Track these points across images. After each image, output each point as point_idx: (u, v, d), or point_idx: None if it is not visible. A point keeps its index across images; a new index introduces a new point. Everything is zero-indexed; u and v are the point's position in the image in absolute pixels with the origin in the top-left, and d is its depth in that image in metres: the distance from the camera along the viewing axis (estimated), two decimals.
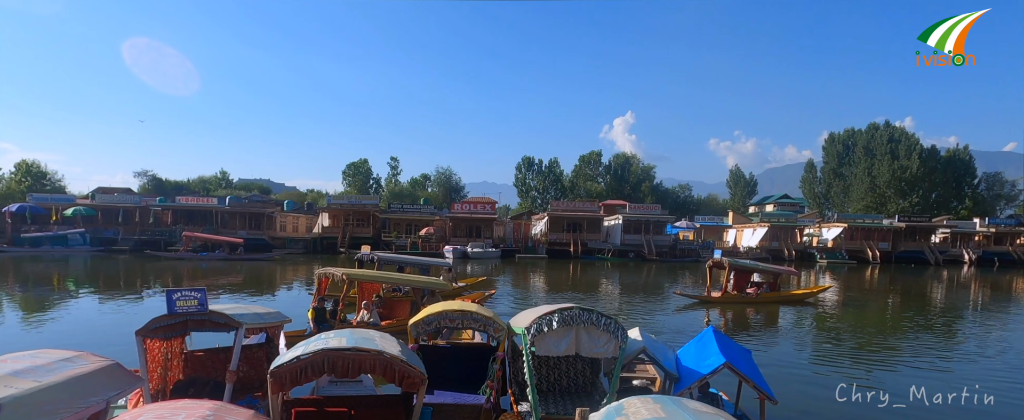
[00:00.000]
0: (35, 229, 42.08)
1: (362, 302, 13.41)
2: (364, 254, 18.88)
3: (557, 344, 6.04)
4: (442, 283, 14.97)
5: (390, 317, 13.83)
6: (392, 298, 15.27)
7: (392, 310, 14.45)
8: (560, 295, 24.06)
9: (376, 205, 53.63)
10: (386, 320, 13.19)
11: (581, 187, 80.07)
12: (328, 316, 12.20)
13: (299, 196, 75.55)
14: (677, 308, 19.90)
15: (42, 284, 24.09)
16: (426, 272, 18.29)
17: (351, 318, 13.00)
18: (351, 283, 13.02)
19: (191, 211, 47.98)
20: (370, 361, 4.77)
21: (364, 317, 12.47)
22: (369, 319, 12.37)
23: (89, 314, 17.22)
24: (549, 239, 50.49)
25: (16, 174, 55.72)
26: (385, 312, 13.85)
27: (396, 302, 14.95)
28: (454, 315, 7.11)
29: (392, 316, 14.01)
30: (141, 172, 74.43)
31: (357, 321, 12.47)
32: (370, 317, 12.44)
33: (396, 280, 14.81)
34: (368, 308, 12.67)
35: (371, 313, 12.52)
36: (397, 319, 13.68)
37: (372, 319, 12.39)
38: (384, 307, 14.00)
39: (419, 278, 15.29)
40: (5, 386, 3.53)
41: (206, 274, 28.82)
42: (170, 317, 6.34)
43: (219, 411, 3.75)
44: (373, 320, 12.39)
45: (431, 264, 19.77)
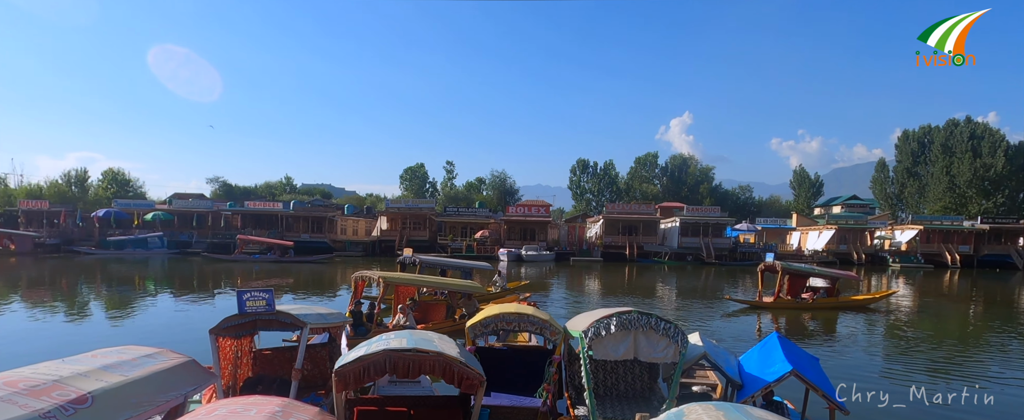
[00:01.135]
0: (119, 233, 44.96)
1: (397, 305, 13.55)
2: (405, 257, 19.03)
3: (615, 348, 5.95)
4: (477, 286, 14.93)
5: (425, 320, 13.88)
6: (427, 301, 15.34)
7: (427, 313, 14.50)
8: (615, 299, 23.75)
9: (432, 208, 54.49)
10: (421, 323, 13.22)
11: (637, 189, 78.85)
12: (364, 319, 12.32)
13: (358, 200, 77.66)
14: (726, 314, 19.28)
15: (125, 284, 25.71)
16: (468, 275, 18.30)
17: (387, 321, 13.10)
18: (387, 286, 13.20)
19: (258, 215, 50.14)
20: (430, 362, 4.84)
21: (400, 320, 12.52)
22: (404, 322, 12.41)
23: (165, 312, 18.28)
24: (604, 242, 49.96)
25: (103, 182, 59.71)
26: (420, 315, 13.88)
27: (431, 305, 15.05)
28: (511, 317, 7.13)
29: (427, 319, 14.07)
30: (213, 178, 78.46)
31: (393, 324, 12.56)
32: (405, 320, 12.48)
33: (429, 283, 14.84)
34: (404, 311, 12.75)
35: (407, 316, 12.58)
36: (432, 322, 13.76)
37: (408, 322, 12.42)
38: (419, 310, 14.02)
39: (453, 281, 15.34)
40: (97, 379, 3.78)
41: (259, 275, 30.07)
42: (241, 316, 6.63)
43: (287, 408, 3.89)
44: (408, 323, 12.41)
45: (472, 267, 19.72)
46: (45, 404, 3.15)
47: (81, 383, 3.64)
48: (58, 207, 48.22)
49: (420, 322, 13.29)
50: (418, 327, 12.56)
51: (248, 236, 42.97)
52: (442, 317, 14.35)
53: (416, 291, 15.14)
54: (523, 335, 10.42)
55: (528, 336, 10.12)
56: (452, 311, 14.39)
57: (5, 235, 41.84)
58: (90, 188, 58.14)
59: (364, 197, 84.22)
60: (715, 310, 20.26)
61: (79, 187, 57.39)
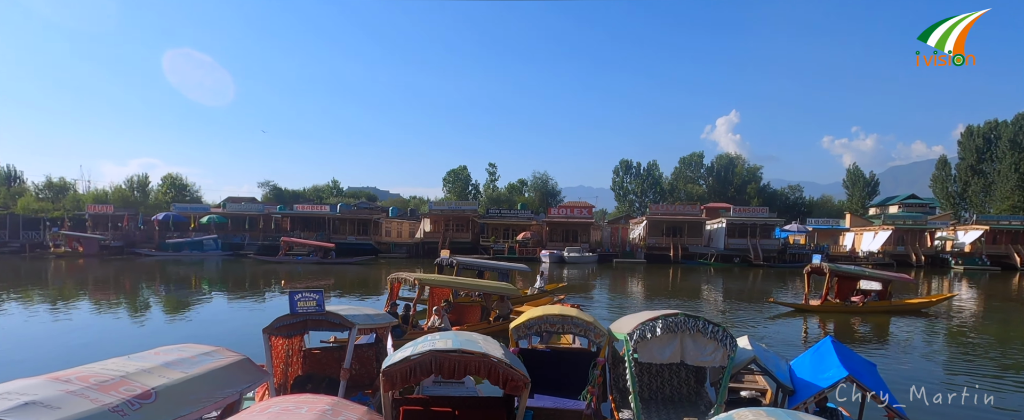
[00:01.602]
0: (177, 235, 46.98)
1: (432, 307, 13.63)
2: (443, 258, 19.09)
3: (661, 351, 5.87)
4: (511, 288, 14.88)
5: (460, 322, 13.89)
6: (462, 303, 15.34)
7: (461, 315, 14.51)
8: (659, 301, 23.40)
9: (474, 210, 54.88)
10: (456, 325, 13.23)
11: (681, 190, 77.50)
12: (400, 321, 12.35)
13: (402, 203, 78.99)
14: (770, 317, 18.72)
15: (182, 285, 26.84)
16: (505, 277, 18.23)
17: (422, 323, 13.15)
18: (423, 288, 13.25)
19: (307, 218, 51.56)
20: (475, 363, 4.88)
21: (435, 322, 12.56)
22: (439, 324, 12.45)
23: (219, 311, 19.02)
24: (648, 243, 49.30)
25: (162, 186, 62.51)
26: (454, 317, 13.90)
27: (465, 307, 15.03)
28: (554, 319, 7.11)
29: (462, 321, 14.07)
30: (264, 182, 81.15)
31: (427, 326, 12.61)
32: (440, 322, 12.51)
33: (463, 285, 14.86)
34: (438, 313, 12.80)
35: (441, 318, 12.62)
36: (467, 324, 13.74)
37: (442, 324, 12.45)
38: (453, 312, 14.04)
39: (487, 283, 15.34)
40: (160, 376, 3.96)
41: (302, 277, 30.84)
42: (292, 316, 6.83)
43: (337, 406, 3.99)
44: (443, 325, 12.44)
45: (510, 269, 19.59)
46: (113, 399, 3.32)
47: (145, 379, 3.82)
48: (122, 211, 50.73)
49: (455, 324, 13.33)
50: (453, 329, 12.59)
51: (291, 238, 44.26)
52: (477, 319, 14.37)
53: (451, 293, 15.25)
54: (566, 337, 10.38)
55: (572, 338, 10.07)
56: (487, 313, 14.41)
57: (74, 238, 44.27)
58: (151, 193, 60.95)
59: (408, 200, 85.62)
60: (759, 313, 19.72)
61: (141, 192, 60.23)
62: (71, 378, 3.45)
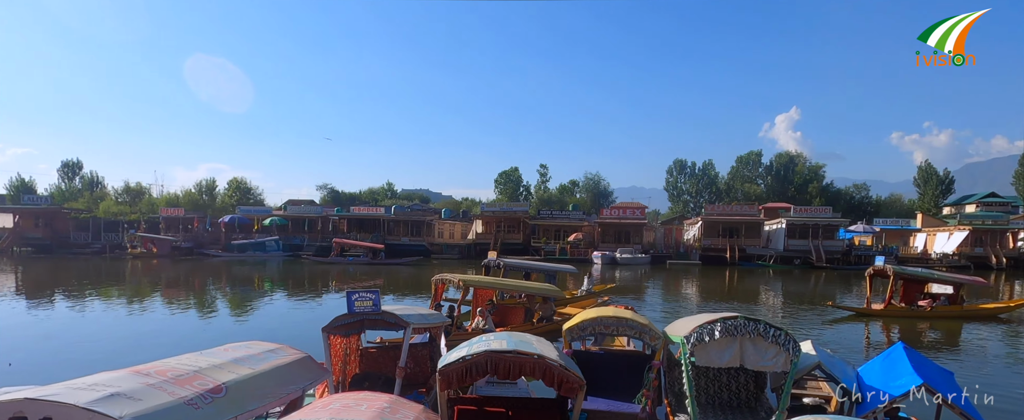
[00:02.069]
0: (241, 237, 49.05)
1: (475, 308, 13.65)
2: (490, 260, 19.12)
3: (719, 355, 5.72)
4: (555, 289, 14.77)
5: (504, 323, 13.88)
6: (506, 304, 15.32)
7: (505, 316, 14.50)
8: (714, 304, 22.81)
9: (525, 211, 54.95)
10: (499, 326, 13.21)
11: (738, 189, 75.27)
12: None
13: (454, 204, 79.88)
14: (828, 321, 17.94)
15: (245, 284, 28.03)
16: (552, 279, 18.11)
17: (466, 325, 13.18)
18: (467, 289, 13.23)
19: (362, 219, 52.88)
20: (530, 364, 4.89)
21: (479, 323, 12.58)
22: (483, 325, 12.45)
23: (280, 310, 19.77)
24: (703, 245, 48.12)
25: (228, 190, 65.49)
26: (498, 318, 13.89)
27: (509, 308, 15.01)
28: (609, 321, 7.04)
29: (506, 322, 14.06)
30: (322, 185, 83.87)
31: (471, 327, 12.64)
32: (484, 323, 12.51)
33: (508, 287, 14.84)
34: (482, 314, 12.81)
35: (485, 319, 12.63)
36: (511, 325, 13.72)
37: (486, 325, 12.45)
38: (497, 313, 14.03)
39: (530, 284, 15.26)
40: (229, 371, 4.16)
41: (352, 277, 31.65)
42: (350, 316, 7.01)
43: (394, 404, 4.09)
44: (487, 326, 12.44)
45: (557, 270, 19.44)
46: (188, 392, 3.51)
47: (217, 374, 4.02)
48: (191, 214, 53.41)
49: (498, 325, 13.33)
50: (496, 330, 12.57)
51: (343, 240, 45.51)
52: (520, 320, 14.35)
53: (494, 294, 15.21)
54: (620, 339, 10.26)
55: (626, 341, 9.95)
56: (531, 314, 14.38)
57: (149, 239, 46.88)
58: (218, 196, 63.95)
59: (460, 201, 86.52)
60: (817, 317, 18.94)
61: (209, 195, 63.31)
62: (150, 372, 3.67)
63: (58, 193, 66.41)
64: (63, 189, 69.39)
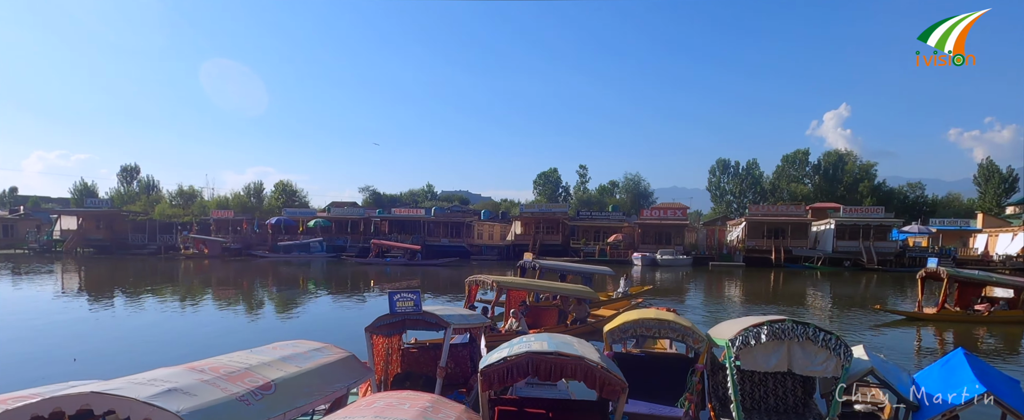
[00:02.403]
0: (287, 238, 50.43)
1: (508, 309, 13.59)
2: (526, 261, 19.03)
3: (766, 359, 5.57)
4: (589, 292, 14.60)
5: (537, 325, 13.81)
6: (540, 306, 15.24)
7: (538, 318, 14.43)
8: (758, 306, 22.23)
9: (565, 213, 54.75)
10: (533, 328, 13.16)
11: (784, 189, 73.18)
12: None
13: (493, 205, 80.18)
14: (876, 325, 17.23)
15: (291, 285, 28.79)
16: (588, 280, 17.92)
17: (500, 326, 13.16)
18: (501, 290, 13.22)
19: (403, 221, 53.64)
20: (572, 366, 4.86)
21: (512, 325, 12.52)
22: (517, 327, 12.39)
23: (323, 309, 20.26)
24: (747, 246, 46.99)
25: (275, 193, 67.41)
26: (531, 319, 13.84)
27: (543, 309, 14.93)
28: (651, 323, 6.96)
29: (539, 324, 13.98)
30: (364, 187, 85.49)
31: (505, 328, 12.59)
32: (518, 324, 12.44)
33: (542, 288, 14.75)
34: (516, 316, 12.74)
35: (519, 320, 12.55)
36: (544, 327, 13.62)
37: (520, 327, 12.39)
38: (530, 314, 13.97)
39: (564, 286, 15.14)
40: (278, 369, 4.29)
41: (390, 278, 32.07)
42: (392, 316, 7.13)
43: (437, 403, 4.13)
44: (521, 328, 12.37)
45: (593, 272, 19.23)
46: (240, 389, 3.63)
47: (266, 372, 4.15)
48: (240, 216, 55.15)
49: (532, 326, 13.29)
50: (530, 331, 12.48)
51: (381, 241, 46.32)
52: (554, 322, 14.27)
53: (527, 295, 15.14)
54: (662, 342, 10.12)
55: (668, 343, 9.81)
56: (564, 316, 14.29)
57: (200, 241, 48.67)
58: (265, 198, 65.84)
59: (499, 202, 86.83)
60: (864, 321, 18.25)
61: (256, 198, 65.20)
62: (205, 368, 3.81)
63: (117, 196, 69.60)
64: (122, 192, 72.70)
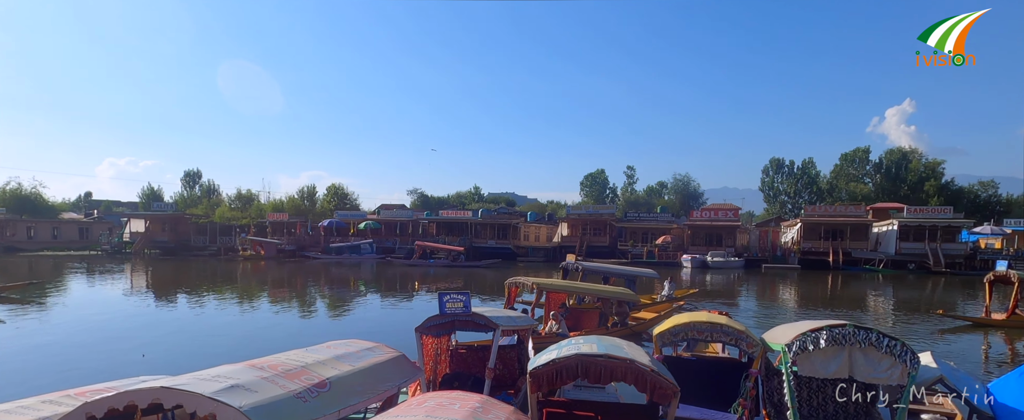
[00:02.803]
0: (338, 240, 51.75)
1: (549, 312, 13.44)
2: (568, 263, 18.83)
3: (825, 365, 5.37)
4: (631, 294, 14.32)
5: (577, 327, 13.64)
6: (580, 308, 15.08)
7: (579, 320, 14.27)
8: (814, 310, 21.40)
9: (612, 214, 54.24)
10: (573, 330, 13.02)
11: (842, 189, 70.37)
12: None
13: (540, 207, 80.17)
14: (939, 330, 16.33)
15: (342, 285, 29.53)
16: (632, 283, 17.63)
17: (540, 328, 12.97)
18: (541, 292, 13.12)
19: (450, 223, 54.27)
20: (622, 369, 4.80)
21: (552, 327, 12.38)
22: (557, 329, 12.24)
23: (373, 310, 20.70)
24: (802, 247, 45.41)
25: (327, 195, 69.34)
26: (572, 322, 13.67)
27: (583, 312, 14.76)
28: (702, 327, 6.80)
29: (580, 326, 13.82)
30: (412, 190, 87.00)
31: (545, 331, 12.45)
32: (558, 327, 12.30)
33: (582, 290, 14.55)
34: (556, 318, 12.60)
35: (559, 323, 12.41)
36: (585, 329, 13.46)
37: (560, 329, 12.24)
38: (570, 317, 13.81)
39: (604, 288, 14.94)
40: (332, 368, 4.41)
41: (433, 279, 32.39)
42: (441, 317, 7.22)
43: (486, 404, 4.16)
44: (561, 330, 12.22)
45: (637, 275, 18.80)
46: (297, 386, 3.76)
47: (321, 370, 4.27)
48: (294, 219, 56.98)
49: (572, 329, 13.17)
50: (570, 334, 12.31)
51: (424, 242, 47.07)
52: (595, 324, 14.11)
53: (567, 297, 14.99)
54: (714, 346, 9.89)
55: (721, 347, 9.58)
56: (605, 318, 14.10)
57: (257, 243, 50.53)
58: (317, 201, 67.80)
59: (545, 204, 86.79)
60: (927, 327, 17.31)
61: (310, 201, 67.18)
62: (264, 366, 3.95)
63: (181, 200, 73.08)
64: (185, 196, 76.30)
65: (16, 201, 60.57)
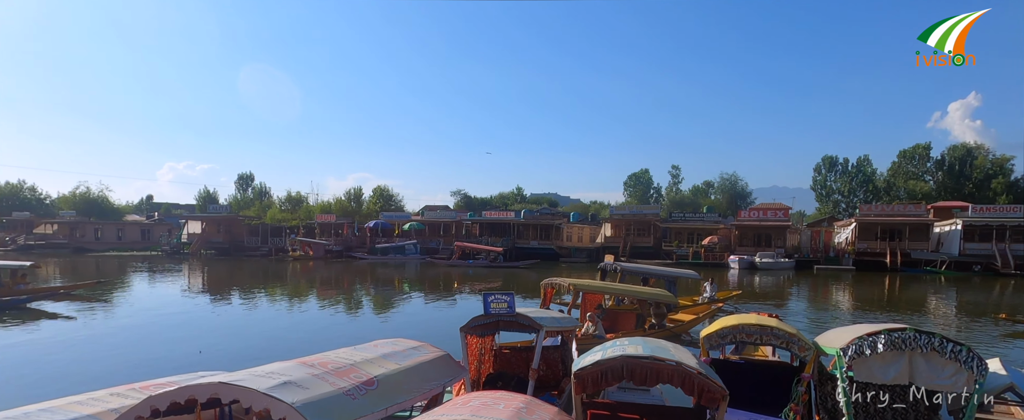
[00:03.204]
0: (384, 241, 52.72)
1: (585, 313, 13.25)
2: (607, 263, 18.54)
3: (883, 371, 5.15)
4: (669, 296, 13.98)
5: (614, 329, 13.42)
6: (616, 310, 14.83)
7: (615, 321, 14.04)
8: (871, 314, 20.54)
9: (656, 214, 53.47)
10: (610, 332, 12.79)
11: (900, 187, 67.28)
12: None
13: (582, 208, 79.63)
14: (1005, 335, 15.46)
15: (387, 285, 30.04)
16: (672, 284, 17.24)
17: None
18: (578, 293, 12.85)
19: (493, 224, 54.54)
20: (668, 371, 4.72)
21: (589, 329, 12.20)
22: (593, 331, 12.06)
23: (415, 309, 21.00)
24: (857, 248, 43.68)
25: (373, 197, 70.77)
26: (608, 323, 13.45)
27: (620, 313, 14.53)
28: (751, 329, 6.60)
29: (616, 328, 13.60)
30: (455, 191, 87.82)
31: (581, 332, 12.21)
32: (594, 328, 12.10)
33: (618, 291, 14.31)
34: (592, 319, 12.41)
35: (595, 324, 12.21)
36: (621, 331, 13.20)
37: (596, 331, 12.06)
38: (607, 318, 13.60)
39: (641, 289, 14.64)
40: (379, 366, 4.50)
41: (471, 279, 32.56)
42: (486, 317, 7.26)
43: (531, 404, 4.16)
44: (597, 333, 12.05)
45: (677, 276, 18.40)
46: (346, 383, 3.85)
47: (369, 368, 4.37)
48: (342, 220, 58.33)
49: (609, 331, 12.97)
50: (607, 336, 12.21)
51: (462, 243, 47.43)
52: (632, 326, 13.85)
53: (603, 298, 14.78)
54: (763, 349, 9.61)
55: (771, 351, 9.30)
56: (642, 320, 13.85)
57: (306, 243, 51.96)
58: (364, 203, 69.26)
59: (588, 205, 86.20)
60: (993, 331, 16.38)
61: (356, 202, 68.67)
62: (314, 363, 4.07)
63: (235, 202, 75.80)
64: (238, 199, 79.11)
65: (85, 204, 64.21)
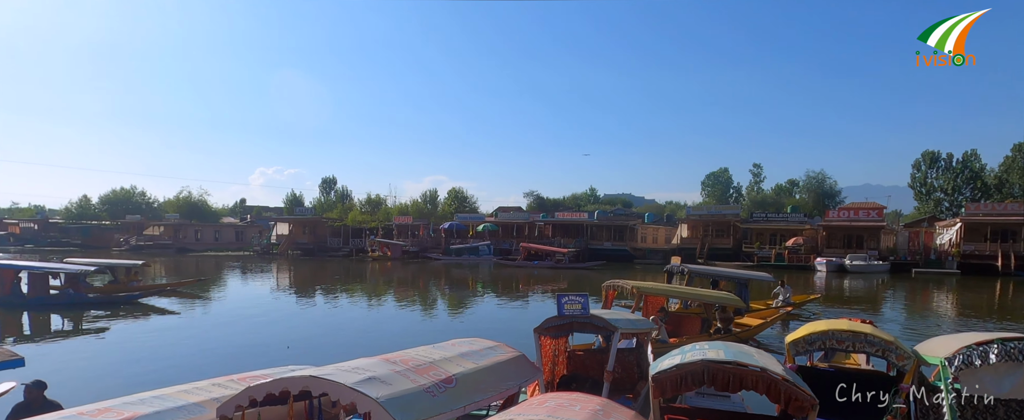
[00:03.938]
0: (458, 242, 53.70)
1: (646, 316, 12.81)
2: (673, 266, 17.89)
3: (995, 383, 4.73)
4: (734, 299, 13.30)
5: (678, 333, 12.97)
6: (679, 313, 14.34)
7: (679, 325, 13.56)
8: (978, 322, 18.81)
9: (736, 215, 51.52)
10: (673, 336, 12.35)
11: (1015, 184, 61.38)
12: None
13: (657, 208, 77.87)
14: None
15: (461, 285, 30.61)
16: (743, 287, 16.36)
17: None
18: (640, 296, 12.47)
19: (566, 225, 54.36)
20: (752, 377, 4.54)
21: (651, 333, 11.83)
22: (656, 335, 11.69)
23: (488, 309, 21.29)
24: (962, 250, 40.23)
25: (448, 199, 72.32)
26: (671, 327, 12.98)
27: (684, 317, 14.05)
28: (842, 335, 6.24)
29: (680, 332, 13.14)
30: (528, 192, 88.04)
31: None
32: (657, 333, 11.71)
33: (681, 294, 13.82)
34: (654, 322, 12.01)
35: (658, 328, 11.79)
36: (685, 335, 12.76)
37: (659, 336, 11.60)
38: (670, 322, 13.12)
39: (703, 292, 14.02)
40: (457, 364, 4.61)
41: (537, 280, 32.46)
42: (560, 318, 7.27)
43: (607, 407, 4.13)
44: (660, 337, 11.59)
45: (750, 278, 17.51)
46: (426, 381, 3.97)
47: (447, 366, 4.47)
48: (418, 222, 59.93)
49: (672, 335, 12.59)
50: (669, 340, 11.85)
51: (528, 244, 47.53)
52: (696, 330, 13.31)
53: (666, 301, 14.24)
54: (855, 357, 9.06)
55: (864, 359, 8.75)
56: (707, 324, 13.29)
57: (384, 244, 53.75)
58: (439, 205, 70.86)
59: (663, 205, 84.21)
60: None
61: (432, 204, 70.35)
62: (396, 360, 4.22)
63: (319, 205, 79.51)
64: (322, 201, 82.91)
65: (187, 207, 69.51)
